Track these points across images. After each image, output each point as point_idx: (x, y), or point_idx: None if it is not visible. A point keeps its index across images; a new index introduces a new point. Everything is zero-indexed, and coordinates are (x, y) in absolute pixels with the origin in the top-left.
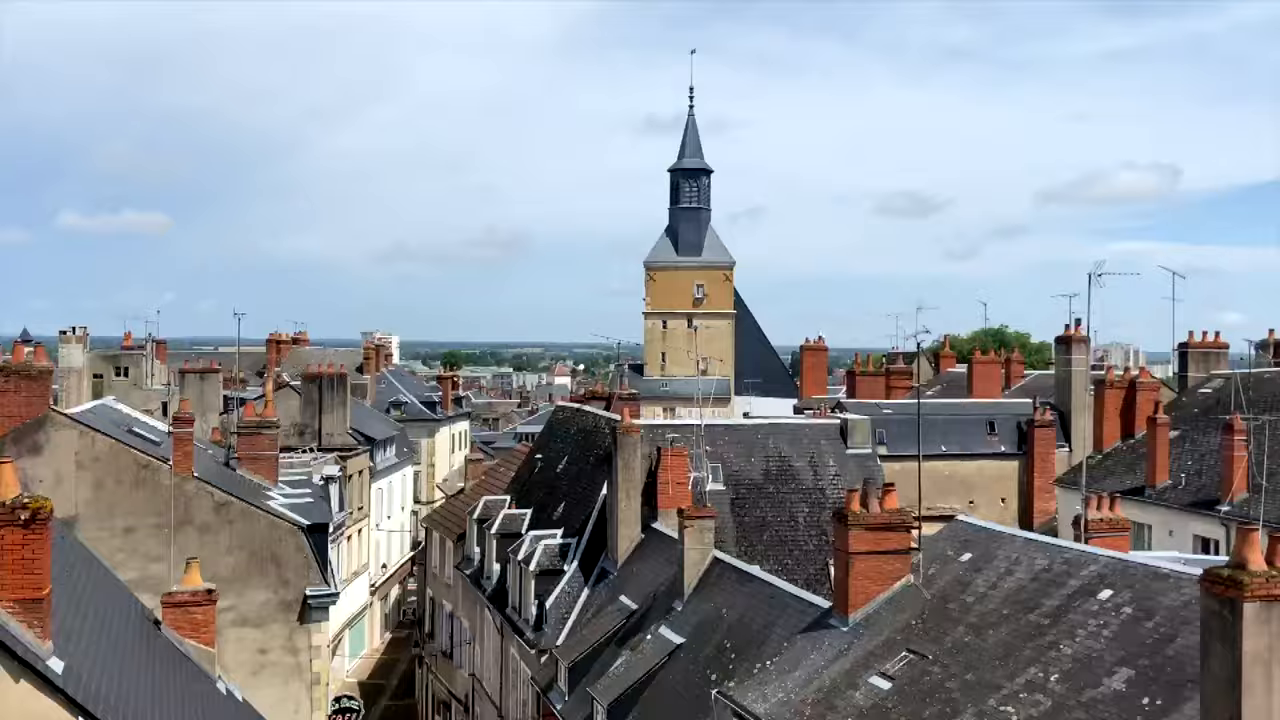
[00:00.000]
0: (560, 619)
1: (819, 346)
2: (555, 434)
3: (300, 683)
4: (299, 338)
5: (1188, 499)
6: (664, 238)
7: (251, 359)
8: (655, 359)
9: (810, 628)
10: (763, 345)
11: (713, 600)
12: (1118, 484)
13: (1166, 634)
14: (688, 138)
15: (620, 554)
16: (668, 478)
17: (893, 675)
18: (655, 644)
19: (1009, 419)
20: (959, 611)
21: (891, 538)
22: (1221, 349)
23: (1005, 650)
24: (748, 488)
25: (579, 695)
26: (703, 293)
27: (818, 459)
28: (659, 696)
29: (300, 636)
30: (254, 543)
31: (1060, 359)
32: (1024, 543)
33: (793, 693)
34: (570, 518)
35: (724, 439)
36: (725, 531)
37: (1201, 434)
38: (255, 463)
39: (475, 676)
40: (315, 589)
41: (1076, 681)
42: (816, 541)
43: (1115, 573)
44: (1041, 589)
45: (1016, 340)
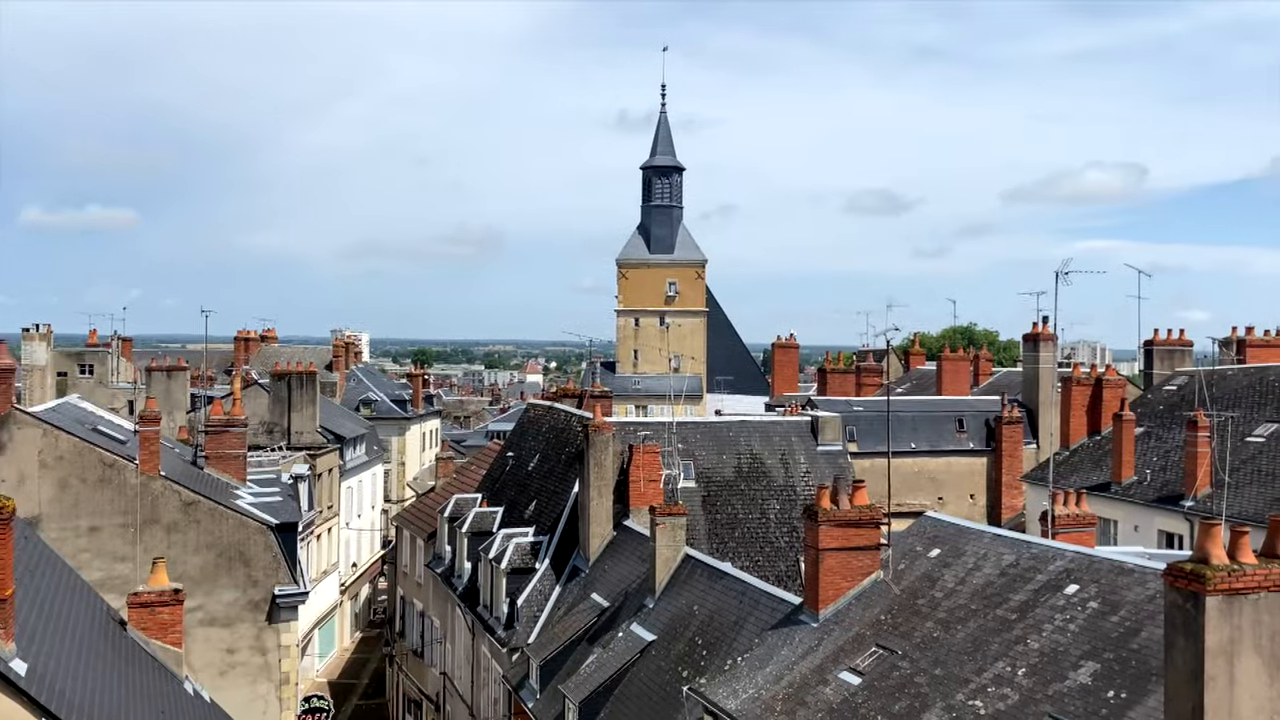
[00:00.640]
0: (532, 617)
1: (790, 344)
2: (527, 432)
3: (269, 683)
4: (267, 335)
5: (1153, 495)
6: (636, 235)
7: (219, 357)
8: (627, 357)
9: (781, 624)
10: (734, 343)
11: (684, 597)
12: (1084, 480)
13: (1131, 628)
14: (660, 135)
15: (592, 552)
16: (639, 475)
17: (862, 670)
18: (627, 641)
19: (977, 416)
20: (928, 607)
21: (861, 534)
22: (1186, 346)
23: (973, 645)
24: (719, 485)
25: (550, 693)
26: (675, 290)
27: (789, 456)
28: (630, 694)
29: (269, 636)
30: (222, 542)
31: (1028, 356)
32: (992, 538)
33: (763, 689)
34: (542, 516)
35: (696, 436)
36: (697, 529)
37: (1166, 430)
38: (223, 461)
39: (446, 675)
40: (284, 588)
41: (1043, 675)
42: (788, 538)
43: (1081, 568)
44: (1009, 584)
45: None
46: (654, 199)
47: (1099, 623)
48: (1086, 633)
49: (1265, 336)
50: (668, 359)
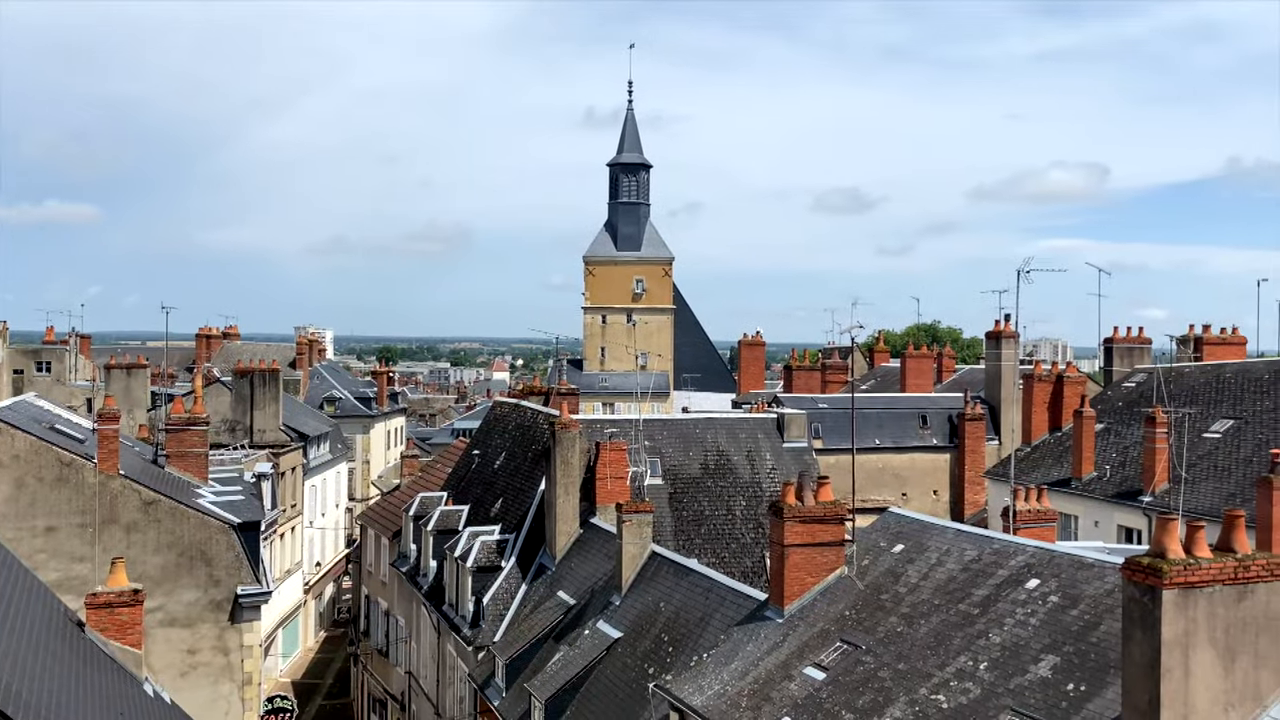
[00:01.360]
0: (498, 615)
1: (757, 341)
2: (493, 430)
3: (231, 683)
4: (230, 332)
5: (1112, 490)
6: (603, 232)
7: (181, 354)
8: (594, 354)
9: (746, 620)
10: (701, 340)
11: (650, 594)
12: (1045, 476)
13: (1091, 621)
14: (627, 132)
15: (558, 549)
16: (606, 473)
17: (827, 665)
18: (593, 639)
19: (941, 413)
20: (891, 602)
21: (826, 530)
22: (1145, 344)
23: (936, 639)
24: (686, 482)
25: (516, 691)
26: (642, 288)
27: (755, 453)
28: (596, 691)
29: (231, 636)
30: (183, 541)
31: (990, 354)
32: (954, 534)
33: (729, 684)
34: (508, 514)
35: (662, 434)
36: (663, 526)
37: (1125, 427)
38: (184, 460)
39: (411, 674)
40: (247, 588)
41: (1005, 669)
42: (754, 534)
43: (1042, 562)
44: (971, 579)
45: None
46: (621, 196)
47: (1059, 617)
48: (1047, 626)
49: (1221, 335)
50: (635, 356)
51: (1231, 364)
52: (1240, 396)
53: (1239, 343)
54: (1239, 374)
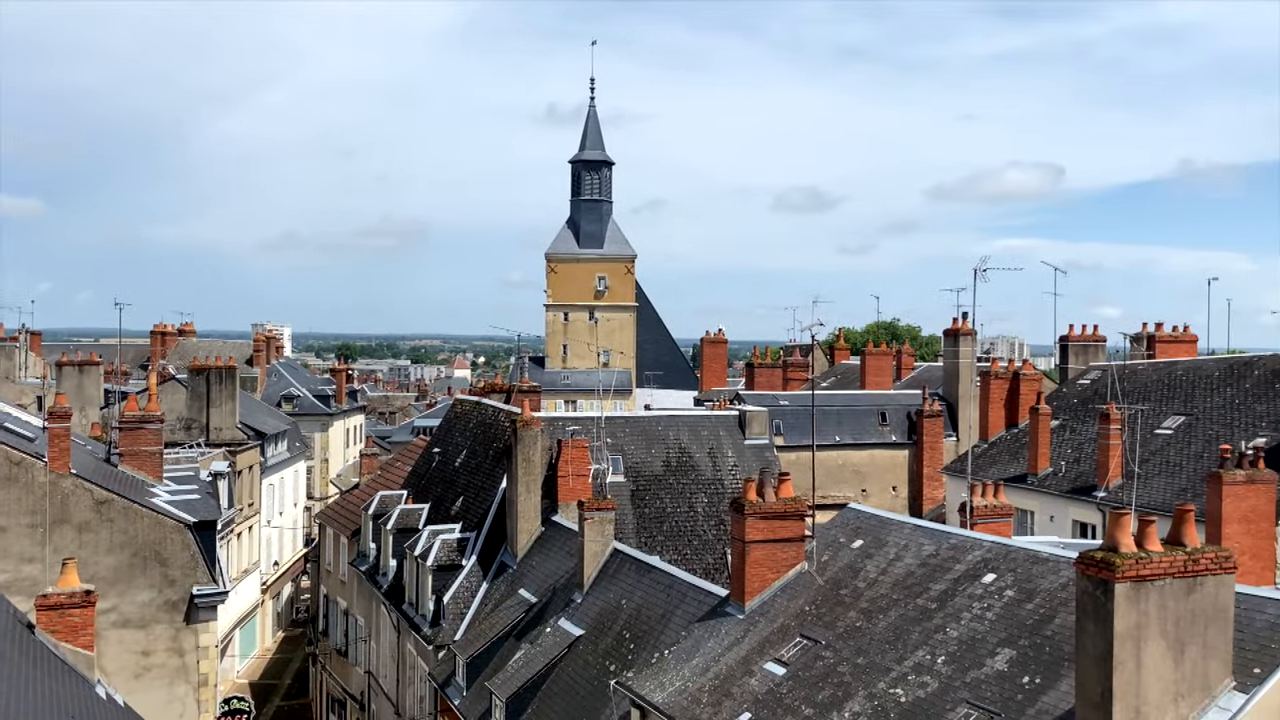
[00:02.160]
0: (458, 614)
1: (719, 339)
2: (454, 427)
3: (187, 685)
4: (185, 329)
5: (1067, 485)
6: (565, 229)
7: (134, 351)
8: (556, 351)
9: (708, 616)
10: (664, 338)
11: (612, 591)
12: (1002, 472)
13: (1045, 615)
14: (589, 129)
15: (520, 547)
16: (568, 470)
17: (787, 661)
18: (555, 636)
19: (900, 409)
20: (850, 597)
21: (786, 526)
22: (1099, 342)
23: (894, 634)
24: (648, 479)
25: (477, 690)
26: (604, 285)
27: (717, 450)
28: (558, 689)
29: (187, 637)
30: (136, 541)
31: (948, 351)
32: (913, 529)
33: (690, 681)
34: (469, 512)
35: (625, 431)
36: (625, 523)
37: (1080, 423)
38: (138, 459)
39: (371, 673)
40: (202, 588)
41: (962, 663)
42: (715, 531)
43: (998, 557)
44: (929, 574)
45: (908, 333)
46: (583, 193)
47: (1015, 611)
48: (1003, 621)
49: (1173, 333)
50: (597, 354)
51: (1183, 361)
52: (1191, 393)
53: (1190, 341)
54: (1190, 371)
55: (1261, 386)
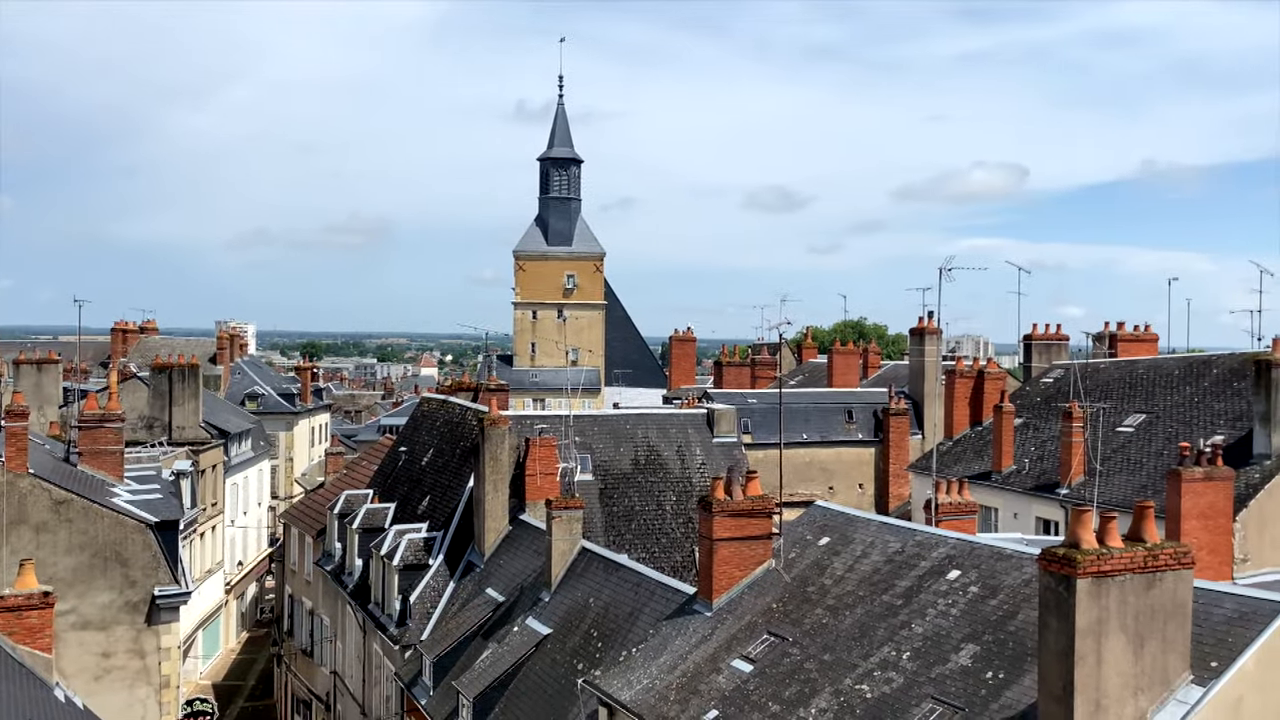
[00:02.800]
0: (425, 613)
1: (688, 337)
2: (420, 426)
3: (148, 687)
4: (147, 327)
5: (1030, 483)
6: (534, 227)
7: (95, 349)
8: (525, 350)
9: (675, 614)
10: (633, 336)
11: (580, 590)
12: (966, 469)
13: (1009, 611)
14: (557, 127)
15: (487, 547)
16: (536, 469)
17: (754, 658)
18: (522, 635)
19: (866, 407)
20: (817, 594)
21: (753, 523)
22: (1062, 341)
23: (860, 630)
24: (616, 477)
25: (444, 689)
26: (573, 283)
27: (685, 448)
28: (525, 688)
29: (148, 639)
30: (96, 542)
31: (914, 350)
32: (879, 526)
33: (658, 678)
34: (436, 511)
35: (593, 429)
36: (593, 521)
37: (1043, 421)
38: (98, 458)
39: (337, 674)
40: (164, 589)
41: (926, 658)
42: (683, 529)
43: (963, 554)
44: (895, 570)
45: (874, 332)
46: (552, 191)
47: (979, 606)
48: (967, 616)
49: (1135, 332)
50: (566, 352)
51: (1144, 360)
52: (1152, 392)
53: (1151, 339)
54: (1151, 370)
55: (1220, 385)
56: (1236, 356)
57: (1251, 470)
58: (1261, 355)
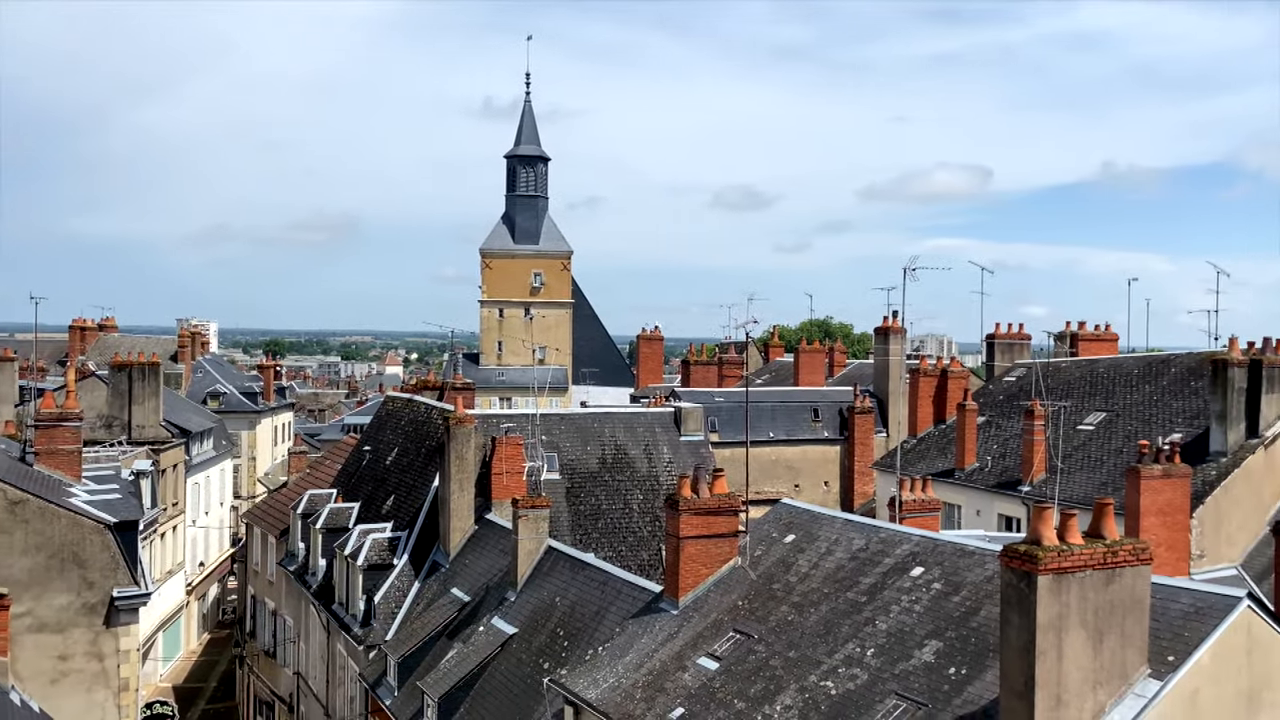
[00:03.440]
0: (390, 614)
1: (655, 336)
2: (385, 425)
3: (107, 690)
4: (106, 324)
5: (993, 480)
6: (500, 225)
7: (52, 347)
8: (491, 348)
9: (642, 612)
10: (600, 335)
11: (546, 589)
12: (930, 467)
13: (971, 607)
14: (524, 125)
15: (453, 546)
16: (502, 468)
17: (720, 655)
18: (488, 635)
19: (832, 406)
20: (783, 591)
21: (720, 521)
22: (1024, 340)
23: (825, 627)
24: (583, 476)
25: (409, 690)
26: (540, 281)
27: (652, 447)
28: (491, 688)
29: (106, 641)
30: (53, 543)
31: (879, 349)
32: (843, 524)
33: (624, 677)
34: (400, 511)
35: (560, 428)
36: (560, 520)
37: (1006, 419)
38: (55, 458)
39: (300, 675)
40: (123, 590)
41: (890, 655)
42: (650, 528)
43: (926, 551)
44: (859, 567)
45: (841, 331)
46: (519, 189)
47: (942, 603)
48: (930, 613)
49: (1095, 331)
50: (533, 350)
51: (1104, 359)
52: (1112, 390)
53: (1111, 339)
54: (1111, 369)
55: (1178, 384)
56: (1194, 356)
57: (1208, 467)
58: (1218, 355)
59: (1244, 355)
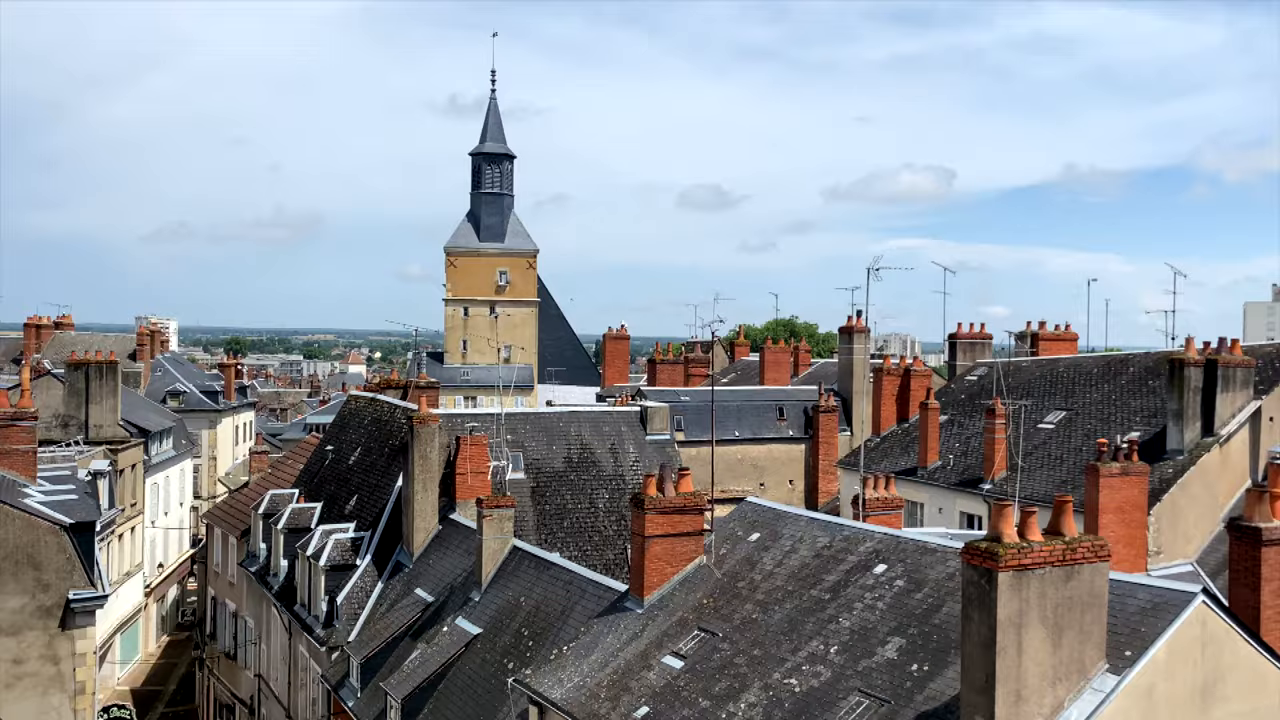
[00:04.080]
0: (352, 614)
1: (621, 335)
2: (348, 424)
3: (62, 694)
4: (62, 322)
5: (955, 478)
6: (465, 223)
7: (6, 345)
8: (456, 347)
9: (607, 611)
10: (566, 333)
11: (511, 589)
12: (893, 465)
13: (933, 604)
14: (490, 122)
15: (416, 546)
16: (467, 467)
17: (685, 654)
18: (452, 635)
19: (797, 405)
20: (747, 589)
21: (685, 520)
22: (986, 339)
23: (789, 625)
24: (549, 476)
25: (372, 691)
26: (505, 280)
27: (618, 446)
28: (455, 688)
29: (62, 644)
30: (7, 545)
31: (843, 348)
32: (807, 522)
33: (589, 676)
34: (364, 511)
35: (525, 427)
36: (525, 520)
37: (968, 418)
38: (9, 458)
39: (261, 677)
40: (80, 592)
41: (853, 652)
42: (616, 527)
43: (889, 548)
44: (823, 565)
45: (805, 330)
46: (484, 186)
47: (905, 600)
48: (893, 610)
49: (1056, 331)
50: (498, 349)
51: (1064, 359)
52: (1071, 389)
53: (1071, 339)
54: (1071, 368)
55: (1136, 383)
56: (1152, 355)
57: (1165, 465)
58: (1175, 354)
59: (1200, 355)
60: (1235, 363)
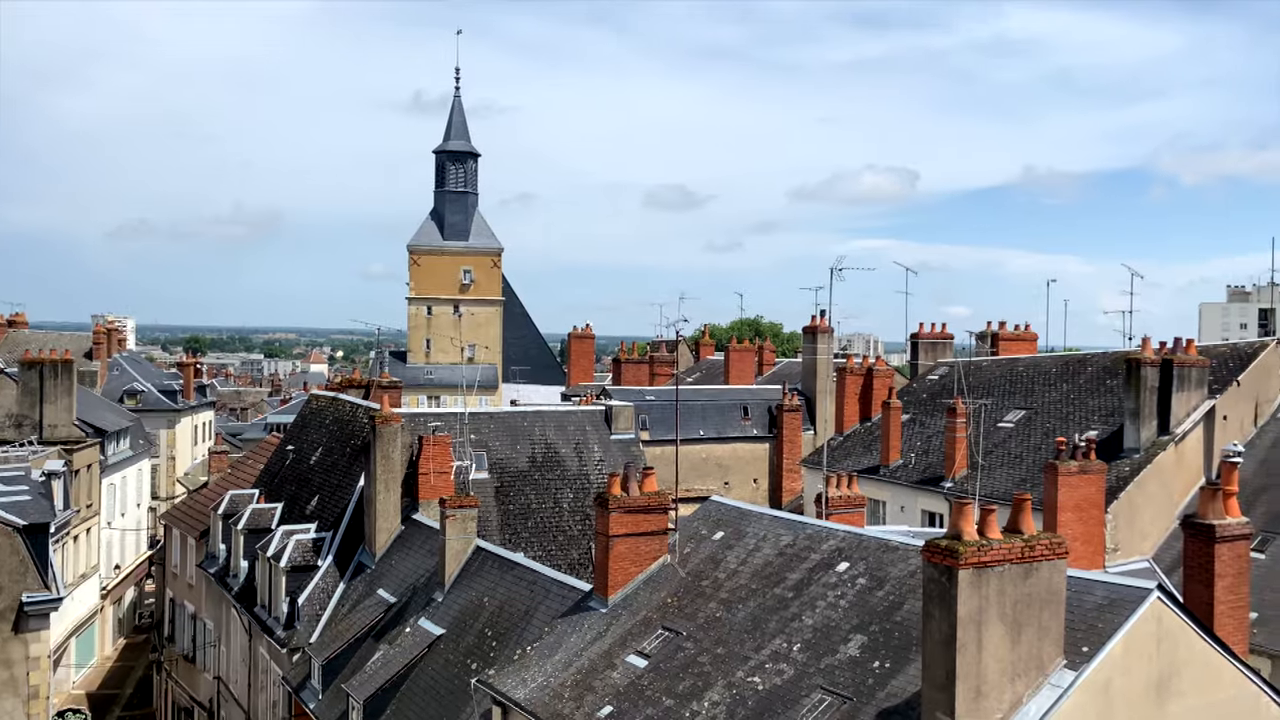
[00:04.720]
0: (314, 616)
1: (586, 334)
2: (309, 424)
3: (16, 698)
4: (16, 320)
5: (916, 476)
6: (429, 221)
7: None
8: (419, 346)
9: (571, 611)
10: (531, 333)
11: (474, 589)
12: (856, 463)
13: (895, 601)
14: (454, 120)
15: (378, 547)
16: (429, 467)
17: (649, 653)
18: (415, 636)
19: (761, 404)
20: (711, 588)
21: (650, 519)
22: (947, 339)
23: (753, 623)
24: (513, 475)
25: (334, 692)
26: (470, 278)
27: (583, 445)
28: (418, 689)
29: (15, 647)
30: None
31: (807, 348)
32: (771, 520)
33: (552, 676)
34: (325, 511)
35: (489, 427)
36: (489, 520)
37: (929, 417)
38: None
39: (221, 679)
40: (33, 595)
41: (816, 650)
42: (580, 526)
43: (852, 546)
44: (786, 563)
45: (770, 330)
46: (448, 184)
47: (867, 598)
48: (855, 608)
49: (1015, 331)
50: (461, 348)
51: (1024, 358)
52: (1031, 389)
53: (1031, 339)
54: (1030, 368)
55: (1094, 382)
56: (1109, 355)
57: (1122, 463)
58: (1132, 354)
59: (1156, 355)
60: (1190, 363)
